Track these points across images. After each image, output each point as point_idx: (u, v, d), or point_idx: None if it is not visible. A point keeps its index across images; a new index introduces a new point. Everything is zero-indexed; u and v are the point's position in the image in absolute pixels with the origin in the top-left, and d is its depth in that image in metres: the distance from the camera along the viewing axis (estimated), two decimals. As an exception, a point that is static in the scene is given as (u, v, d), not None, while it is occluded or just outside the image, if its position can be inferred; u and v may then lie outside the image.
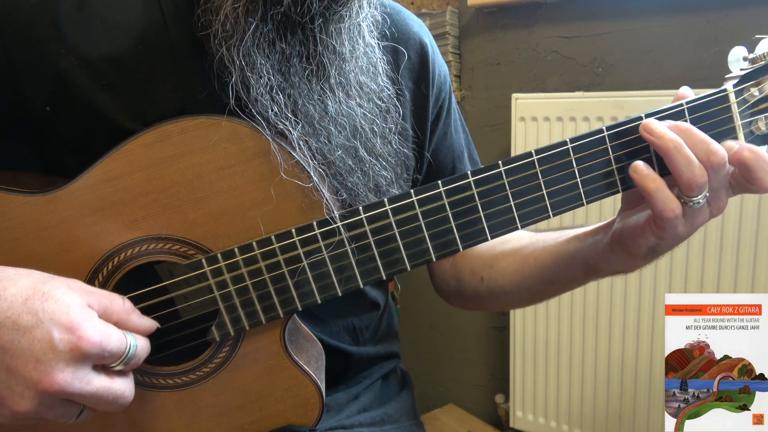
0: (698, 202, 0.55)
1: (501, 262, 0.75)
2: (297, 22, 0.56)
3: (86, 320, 0.49)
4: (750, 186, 0.56)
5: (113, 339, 0.50)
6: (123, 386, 0.52)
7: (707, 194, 0.55)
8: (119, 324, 0.53)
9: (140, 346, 0.53)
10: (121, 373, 0.52)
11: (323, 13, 0.56)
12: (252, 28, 0.54)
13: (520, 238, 0.76)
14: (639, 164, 0.56)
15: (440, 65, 0.78)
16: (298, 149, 0.57)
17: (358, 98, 0.62)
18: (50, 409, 0.49)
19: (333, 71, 0.59)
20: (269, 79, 0.56)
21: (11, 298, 0.48)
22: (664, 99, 1.31)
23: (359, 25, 0.61)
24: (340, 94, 0.60)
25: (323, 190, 0.58)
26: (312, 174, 0.57)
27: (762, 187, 0.56)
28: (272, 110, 0.56)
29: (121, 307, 0.54)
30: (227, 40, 0.55)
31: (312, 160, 0.57)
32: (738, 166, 0.55)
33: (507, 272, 0.74)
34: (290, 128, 0.57)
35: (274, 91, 0.56)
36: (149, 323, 0.56)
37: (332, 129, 0.59)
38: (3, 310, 0.47)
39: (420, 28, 0.77)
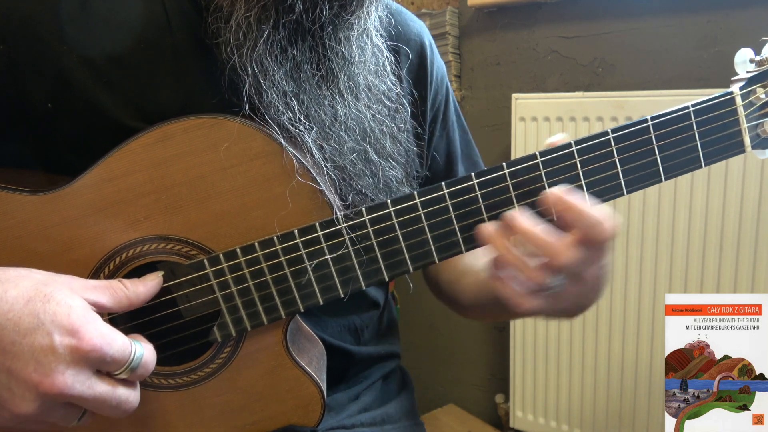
0: (556, 288, 0.54)
1: (467, 278, 0.75)
2: (307, 29, 0.56)
3: (88, 323, 0.48)
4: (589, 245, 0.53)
5: (116, 343, 0.49)
6: (126, 392, 0.51)
7: (563, 281, 0.54)
8: (132, 304, 0.53)
9: (147, 356, 0.52)
10: (125, 382, 0.52)
11: (333, 20, 0.56)
12: (264, 35, 0.54)
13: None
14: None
15: (439, 67, 0.78)
16: (310, 154, 0.57)
17: (366, 100, 0.62)
18: (51, 412, 0.49)
19: (342, 76, 0.59)
20: (282, 85, 0.56)
21: (13, 300, 0.47)
22: (664, 99, 1.31)
23: (367, 29, 0.61)
24: (349, 99, 0.60)
25: (330, 193, 0.58)
26: (326, 179, 0.57)
27: (600, 242, 0.53)
28: (285, 115, 0.56)
29: (123, 289, 0.54)
30: (239, 48, 0.55)
31: (325, 164, 0.57)
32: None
33: (468, 290, 0.75)
34: (304, 132, 0.57)
35: (287, 97, 0.56)
36: (153, 280, 0.56)
37: (342, 134, 0.59)
38: (4, 312, 0.47)
39: (421, 29, 0.77)
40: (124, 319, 0.58)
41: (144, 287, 0.55)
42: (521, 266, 0.53)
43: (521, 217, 0.54)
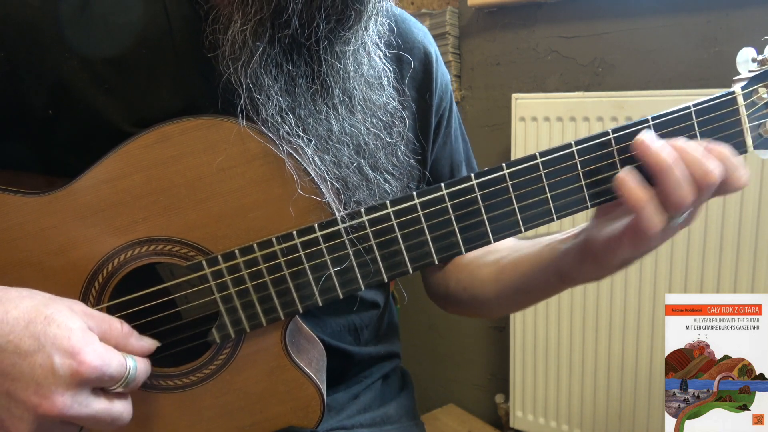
0: (681, 220, 0.55)
1: (482, 271, 0.75)
2: (303, 44, 0.56)
3: (87, 345, 0.49)
4: (723, 189, 0.55)
5: (113, 363, 0.50)
6: (121, 408, 0.52)
7: (685, 216, 0.55)
8: (118, 348, 0.53)
9: (140, 368, 0.53)
10: (120, 395, 0.53)
11: (329, 36, 0.56)
12: (260, 51, 0.54)
13: (501, 248, 0.75)
14: (626, 177, 0.54)
15: (443, 74, 0.78)
16: (312, 165, 0.57)
17: (362, 114, 0.61)
18: (49, 431, 0.49)
19: (337, 90, 0.59)
20: (278, 100, 0.56)
21: (13, 322, 0.48)
22: (664, 99, 1.31)
23: (365, 43, 0.60)
24: (344, 112, 0.60)
25: (330, 196, 0.58)
26: (328, 186, 0.57)
27: (735, 187, 0.55)
28: (283, 129, 0.56)
29: (120, 331, 0.54)
30: (234, 62, 0.55)
31: (327, 175, 0.57)
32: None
33: (486, 281, 0.74)
34: (303, 145, 0.56)
35: (283, 111, 0.56)
36: (148, 344, 0.56)
37: (337, 147, 0.59)
38: (5, 334, 0.47)
39: (425, 36, 0.77)
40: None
41: (136, 341, 0.55)
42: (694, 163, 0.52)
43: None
